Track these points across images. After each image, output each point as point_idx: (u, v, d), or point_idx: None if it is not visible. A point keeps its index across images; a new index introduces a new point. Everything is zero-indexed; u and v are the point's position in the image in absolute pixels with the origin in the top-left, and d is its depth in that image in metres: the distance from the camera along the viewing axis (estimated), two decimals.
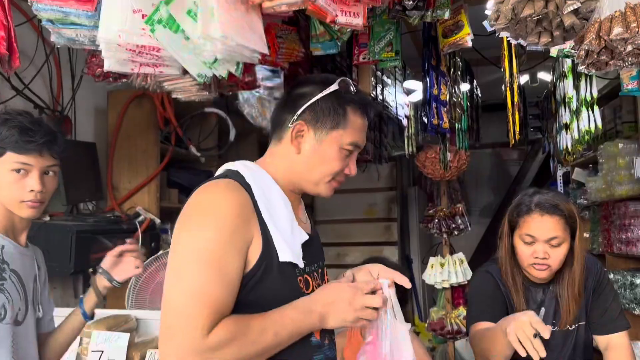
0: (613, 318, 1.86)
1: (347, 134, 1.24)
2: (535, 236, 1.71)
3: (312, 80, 1.30)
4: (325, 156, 1.24)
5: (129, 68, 1.45)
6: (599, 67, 1.19)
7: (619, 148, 3.31)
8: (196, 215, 1.13)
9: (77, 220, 2.66)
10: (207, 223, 1.09)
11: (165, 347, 1.03)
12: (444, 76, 2.70)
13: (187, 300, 1.04)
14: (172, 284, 1.08)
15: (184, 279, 1.06)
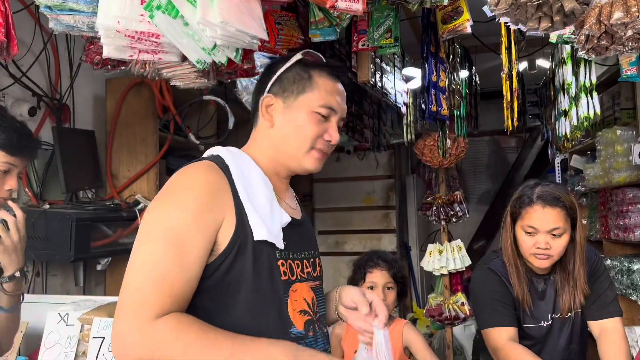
0: (607, 304, 1.90)
1: (315, 96, 1.22)
2: (537, 227, 1.75)
3: (278, 59, 1.30)
4: (297, 122, 1.22)
5: (128, 55, 1.45)
6: (599, 52, 1.19)
7: (617, 135, 3.32)
8: (167, 195, 1.10)
9: (77, 208, 2.66)
10: (174, 202, 1.07)
11: (115, 323, 1.00)
12: (443, 63, 2.69)
13: (143, 278, 1.00)
14: (132, 260, 1.04)
15: (143, 256, 1.03)
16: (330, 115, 1.23)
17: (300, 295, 1.17)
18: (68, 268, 2.86)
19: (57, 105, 2.83)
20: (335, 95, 1.24)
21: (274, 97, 1.23)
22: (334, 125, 1.24)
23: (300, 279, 1.17)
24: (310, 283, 1.22)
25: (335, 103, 1.24)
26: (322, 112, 1.22)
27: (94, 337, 1.99)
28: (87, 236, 2.56)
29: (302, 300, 1.17)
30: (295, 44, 2.17)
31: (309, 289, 1.20)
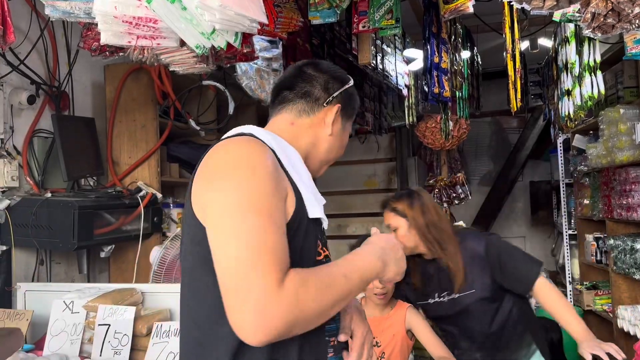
0: (522, 277, 2.09)
1: (351, 123, 1.33)
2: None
3: (330, 69, 1.31)
4: (343, 142, 1.31)
5: (126, 41, 1.43)
6: (605, 31, 1.17)
7: (620, 114, 3.30)
8: (232, 169, 1.03)
9: (79, 196, 2.66)
10: (249, 175, 1.01)
11: (240, 312, 0.92)
12: (445, 43, 2.65)
13: (253, 254, 0.94)
14: (227, 242, 0.97)
15: (242, 233, 0.96)
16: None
17: None
18: (72, 256, 2.87)
19: (56, 92, 2.81)
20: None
21: (341, 110, 1.27)
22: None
23: (326, 261, 1.17)
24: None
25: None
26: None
27: (99, 324, 2.00)
28: (90, 224, 2.56)
29: None
30: (295, 27, 2.14)
31: None
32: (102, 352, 1.97)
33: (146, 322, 2.02)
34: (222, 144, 1.11)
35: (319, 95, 1.25)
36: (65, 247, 2.49)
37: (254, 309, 0.91)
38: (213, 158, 1.09)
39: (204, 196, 1.05)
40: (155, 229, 2.96)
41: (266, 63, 2.92)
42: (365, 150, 6.12)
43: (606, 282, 3.98)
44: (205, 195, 1.05)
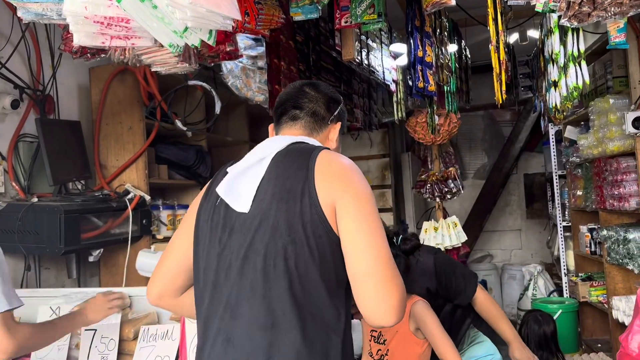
0: (462, 291, 2.31)
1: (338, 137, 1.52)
2: None
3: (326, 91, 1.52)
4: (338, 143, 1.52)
5: (100, 41, 1.40)
6: (581, 19, 1.15)
7: (609, 104, 3.29)
8: (369, 189, 1.31)
9: (66, 200, 2.63)
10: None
11: (396, 287, 1.17)
12: (429, 37, 2.63)
13: (391, 264, 1.20)
14: (382, 244, 1.20)
15: (383, 239, 1.22)
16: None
17: None
18: (61, 261, 2.85)
19: (40, 96, 2.79)
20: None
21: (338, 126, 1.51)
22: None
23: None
24: None
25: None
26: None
27: (85, 329, 1.98)
28: (77, 228, 2.54)
29: None
30: (277, 24, 2.12)
31: None
32: (89, 358, 1.95)
33: (133, 326, 2.00)
34: (353, 163, 1.36)
35: (324, 115, 1.47)
36: (52, 252, 2.47)
37: (399, 297, 1.17)
38: (355, 175, 1.30)
39: (362, 198, 1.25)
40: (144, 231, 2.94)
41: (251, 61, 2.89)
42: (358, 146, 6.10)
43: (601, 273, 3.97)
44: (363, 198, 1.26)
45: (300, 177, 1.24)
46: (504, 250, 6.76)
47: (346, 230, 1.20)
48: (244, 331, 1.21)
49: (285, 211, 1.22)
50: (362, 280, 1.17)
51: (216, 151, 4.14)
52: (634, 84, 3.06)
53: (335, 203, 1.22)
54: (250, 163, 1.32)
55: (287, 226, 1.21)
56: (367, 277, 1.17)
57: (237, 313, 1.23)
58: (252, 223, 1.24)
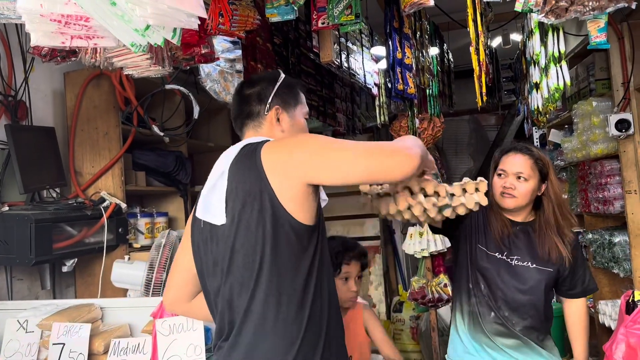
0: (587, 282, 2.11)
1: (302, 106, 1.61)
2: (506, 170, 2.04)
3: (261, 77, 1.62)
4: (300, 126, 1.59)
5: (59, 41, 1.33)
6: (559, 15, 1.11)
7: (592, 106, 3.27)
8: None
9: (37, 208, 2.54)
10: None
11: (385, 151, 1.32)
12: (408, 39, 2.59)
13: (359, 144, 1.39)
14: (346, 144, 1.36)
15: (345, 143, 1.40)
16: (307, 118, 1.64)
17: None
18: (34, 271, 2.75)
19: (12, 102, 2.70)
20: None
21: (279, 108, 1.56)
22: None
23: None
24: None
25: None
26: (307, 117, 1.63)
27: (53, 343, 1.90)
28: (49, 237, 2.45)
29: None
30: (252, 25, 2.06)
31: None
32: None
33: (103, 340, 1.92)
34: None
35: (258, 109, 1.55)
36: (23, 262, 2.38)
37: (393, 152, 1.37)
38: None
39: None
40: (120, 240, 2.86)
41: (229, 64, 2.83)
42: None
43: None
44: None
45: (255, 177, 1.36)
46: None
47: (318, 176, 1.34)
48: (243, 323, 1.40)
49: (251, 212, 1.35)
50: (365, 174, 1.32)
51: (198, 157, 4.06)
52: (616, 86, 3.05)
53: (299, 179, 1.34)
54: (215, 178, 1.46)
55: (256, 224, 1.35)
56: (362, 171, 1.31)
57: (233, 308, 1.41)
58: (231, 230, 1.39)
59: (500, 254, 2.04)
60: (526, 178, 2.00)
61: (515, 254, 2.03)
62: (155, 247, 2.61)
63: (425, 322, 4.73)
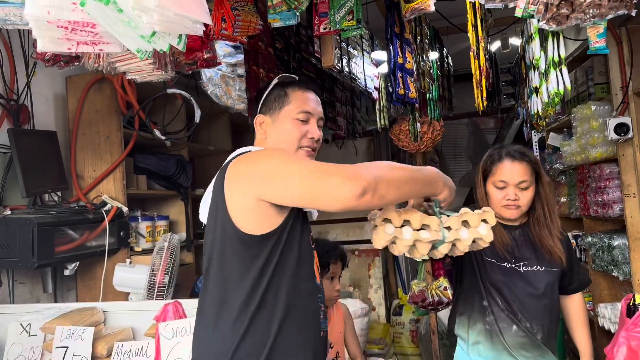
0: (582, 277, 2.13)
1: (293, 107, 1.57)
2: (506, 180, 1.96)
3: (260, 88, 1.70)
4: (283, 130, 1.56)
5: (66, 47, 1.35)
6: (560, 22, 1.12)
7: (591, 110, 3.29)
8: None
9: (39, 212, 2.55)
10: None
11: (326, 173, 1.29)
12: (409, 44, 2.61)
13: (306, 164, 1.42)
14: (291, 168, 1.37)
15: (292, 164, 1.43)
16: (308, 118, 1.57)
17: (315, 259, 1.54)
18: (36, 275, 2.76)
19: (14, 106, 2.71)
20: (309, 101, 1.59)
21: (263, 115, 1.60)
22: (313, 124, 1.58)
23: (314, 248, 1.55)
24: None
25: (309, 108, 1.58)
26: (301, 117, 1.56)
27: (57, 347, 1.91)
28: (51, 241, 2.46)
29: (317, 263, 1.54)
30: (255, 30, 2.08)
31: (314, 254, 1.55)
32: None
33: (106, 343, 1.93)
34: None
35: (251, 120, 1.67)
36: (25, 266, 2.39)
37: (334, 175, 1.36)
38: None
39: None
40: (121, 243, 2.87)
41: (231, 69, 2.85)
42: (343, 155, 6.06)
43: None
44: None
45: (219, 186, 1.43)
46: None
47: (266, 194, 1.35)
48: (196, 323, 1.49)
49: (211, 219, 1.45)
50: (305, 198, 1.31)
51: (199, 161, 4.07)
52: (615, 90, 3.07)
53: (250, 193, 1.36)
54: (210, 186, 1.53)
55: (212, 232, 1.44)
56: (301, 194, 1.30)
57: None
58: (207, 233, 1.50)
59: (508, 262, 1.98)
60: (528, 186, 1.96)
61: (522, 260, 1.98)
62: (157, 250, 2.62)
63: (425, 325, 4.73)
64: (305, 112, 1.56)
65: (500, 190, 1.97)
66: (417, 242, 1.46)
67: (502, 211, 1.98)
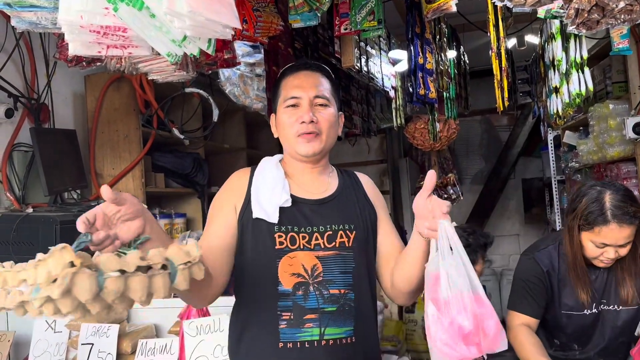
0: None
1: (282, 97, 1.50)
2: (610, 244, 1.78)
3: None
4: (280, 123, 1.51)
5: (96, 51, 1.37)
6: (590, 27, 1.13)
7: (609, 109, 3.26)
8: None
9: (61, 210, 2.58)
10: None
11: None
12: (429, 44, 2.61)
13: None
14: None
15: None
16: (297, 102, 1.47)
17: (297, 261, 1.40)
18: None
19: (35, 105, 2.75)
20: (295, 86, 1.48)
21: (273, 115, 1.56)
22: (305, 107, 1.46)
23: (303, 248, 1.41)
24: (319, 252, 1.41)
25: (295, 91, 1.47)
26: (289, 103, 1.48)
27: (82, 343, 1.94)
28: (73, 239, 2.47)
29: (298, 265, 1.39)
30: (276, 31, 2.09)
31: (312, 257, 1.41)
32: None
33: (131, 340, 1.95)
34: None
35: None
36: None
37: None
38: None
39: None
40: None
41: (249, 68, 2.86)
42: (355, 152, 6.08)
43: None
44: None
45: None
46: (503, 255, 6.73)
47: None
48: None
49: None
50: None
51: (213, 159, 4.10)
52: (633, 89, 3.04)
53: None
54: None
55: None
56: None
57: None
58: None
59: (588, 309, 1.91)
60: (629, 242, 1.80)
61: (601, 301, 1.91)
62: None
63: None
64: (291, 97, 1.47)
65: (598, 249, 1.82)
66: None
67: (596, 262, 1.87)
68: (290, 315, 1.38)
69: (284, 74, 1.53)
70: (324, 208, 1.48)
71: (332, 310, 1.39)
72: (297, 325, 1.37)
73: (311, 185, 1.52)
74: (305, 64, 1.55)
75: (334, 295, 1.40)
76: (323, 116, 1.47)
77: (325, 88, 1.50)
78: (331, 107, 1.50)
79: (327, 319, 1.38)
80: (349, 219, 1.48)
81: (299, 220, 1.43)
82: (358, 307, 1.43)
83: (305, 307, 1.38)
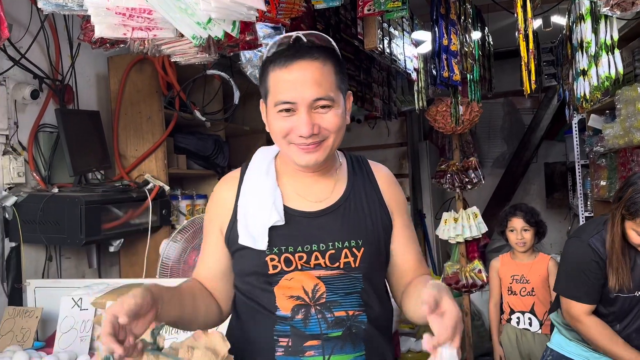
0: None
1: (271, 95, 1.20)
2: None
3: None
4: (270, 124, 1.23)
5: (121, 33, 1.38)
6: (625, 8, 1.09)
7: (637, 92, 3.18)
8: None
9: (86, 190, 2.63)
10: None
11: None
12: (454, 25, 2.56)
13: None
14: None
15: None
16: (292, 107, 1.17)
17: (296, 283, 1.22)
18: (81, 251, 2.86)
19: (59, 86, 2.78)
20: (288, 86, 1.16)
21: (262, 101, 1.27)
22: (301, 115, 1.16)
23: (301, 268, 1.22)
24: (320, 272, 1.23)
25: (288, 94, 1.16)
26: (281, 107, 1.18)
27: None
28: (97, 219, 2.54)
29: (298, 287, 1.22)
30: (298, 12, 2.08)
31: (312, 278, 1.22)
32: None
33: None
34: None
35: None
36: (73, 242, 2.48)
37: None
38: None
39: None
40: (164, 221, 2.94)
41: None
42: (375, 135, 6.04)
43: None
44: None
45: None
46: None
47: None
48: None
49: None
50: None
51: (233, 140, 4.11)
52: None
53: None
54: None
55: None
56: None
57: None
58: None
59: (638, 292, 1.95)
60: None
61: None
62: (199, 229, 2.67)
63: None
64: (282, 102, 1.17)
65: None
66: None
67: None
68: (288, 341, 1.21)
69: (272, 61, 1.20)
70: (326, 220, 1.25)
71: (337, 336, 1.21)
72: (295, 354, 1.20)
73: (310, 191, 1.28)
74: (299, 49, 1.21)
75: (339, 318, 1.21)
76: (327, 120, 1.18)
77: (328, 82, 1.18)
78: (337, 106, 1.20)
79: (331, 346, 1.19)
80: (356, 233, 1.24)
81: (293, 239, 1.23)
82: (370, 329, 1.24)
83: (305, 332, 1.20)
